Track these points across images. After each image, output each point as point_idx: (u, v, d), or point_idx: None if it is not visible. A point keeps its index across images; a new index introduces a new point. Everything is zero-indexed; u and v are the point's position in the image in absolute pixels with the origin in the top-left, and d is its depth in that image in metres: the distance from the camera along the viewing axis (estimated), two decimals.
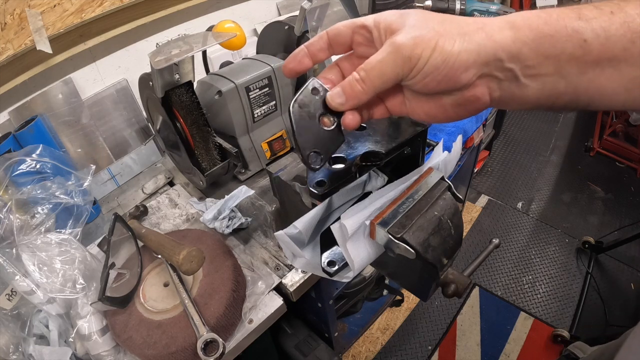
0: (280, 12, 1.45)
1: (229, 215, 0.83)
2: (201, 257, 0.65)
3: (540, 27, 0.27)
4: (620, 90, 0.27)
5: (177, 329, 0.63)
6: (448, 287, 0.54)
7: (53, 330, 0.66)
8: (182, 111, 0.88)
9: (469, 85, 0.29)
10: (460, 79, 0.29)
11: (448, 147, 0.65)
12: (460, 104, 0.31)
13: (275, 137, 1.03)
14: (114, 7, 0.98)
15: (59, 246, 0.66)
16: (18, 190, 0.74)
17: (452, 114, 0.32)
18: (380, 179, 0.65)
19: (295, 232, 0.55)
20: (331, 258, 0.58)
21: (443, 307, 1.71)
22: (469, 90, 0.30)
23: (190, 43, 0.78)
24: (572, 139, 2.65)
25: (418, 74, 0.29)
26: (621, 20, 0.26)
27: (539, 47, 0.27)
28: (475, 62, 0.28)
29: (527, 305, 1.68)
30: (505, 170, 2.44)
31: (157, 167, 1.12)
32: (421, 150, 0.67)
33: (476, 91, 0.30)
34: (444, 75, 0.28)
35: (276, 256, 0.80)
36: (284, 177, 0.71)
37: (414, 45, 0.28)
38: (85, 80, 1.05)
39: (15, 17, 0.85)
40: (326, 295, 0.93)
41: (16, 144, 0.85)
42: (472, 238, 2.02)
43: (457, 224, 0.56)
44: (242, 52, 1.23)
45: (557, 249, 1.92)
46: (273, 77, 0.95)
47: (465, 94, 0.30)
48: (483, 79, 0.29)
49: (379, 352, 1.57)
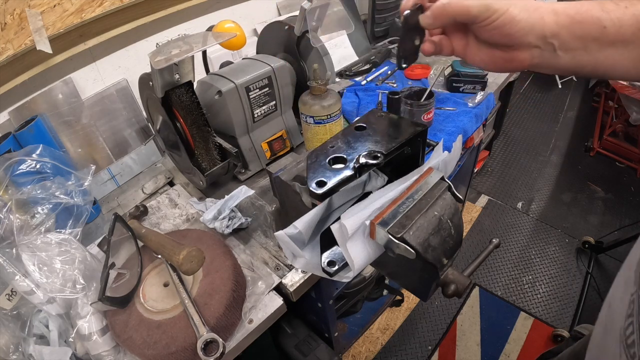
0: (280, 12, 1.46)
1: (229, 215, 0.83)
2: (201, 257, 0.65)
3: (573, 15, 0.38)
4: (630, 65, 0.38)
5: (177, 329, 0.62)
6: (448, 287, 0.54)
7: (53, 330, 0.66)
8: (182, 111, 0.88)
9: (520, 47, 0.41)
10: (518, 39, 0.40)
11: (448, 147, 0.65)
12: (507, 60, 0.42)
13: (275, 137, 1.03)
14: (114, 7, 0.98)
15: (59, 246, 0.66)
16: (18, 190, 0.74)
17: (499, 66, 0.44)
18: (380, 179, 0.65)
19: (295, 232, 0.55)
20: (331, 258, 0.58)
21: (443, 307, 1.71)
22: (518, 51, 0.41)
23: (190, 43, 0.78)
24: (572, 139, 2.65)
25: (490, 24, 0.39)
26: (632, 13, 0.36)
27: (572, 29, 0.38)
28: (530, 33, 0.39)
29: (527, 305, 1.68)
30: (505, 170, 2.44)
31: (157, 167, 1.12)
32: (421, 150, 0.67)
33: (523, 53, 0.41)
34: (506, 33, 0.39)
35: (276, 256, 0.80)
36: (284, 177, 0.71)
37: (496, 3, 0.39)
38: (85, 80, 1.05)
39: (15, 17, 0.85)
40: (326, 295, 0.93)
41: (16, 144, 0.85)
42: (472, 238, 2.02)
43: (457, 224, 0.56)
44: (242, 52, 1.23)
45: (557, 249, 1.92)
46: (273, 77, 0.95)
47: (513, 53, 0.41)
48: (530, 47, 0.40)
49: (379, 352, 1.57)
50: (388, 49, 1.52)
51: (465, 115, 1.14)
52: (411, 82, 1.34)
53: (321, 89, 0.89)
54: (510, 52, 0.41)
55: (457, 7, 0.40)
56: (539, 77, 3.30)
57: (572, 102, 3.04)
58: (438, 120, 1.12)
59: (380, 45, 1.56)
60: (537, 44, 0.40)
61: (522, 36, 0.39)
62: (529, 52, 0.41)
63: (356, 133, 0.64)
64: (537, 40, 0.39)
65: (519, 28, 0.39)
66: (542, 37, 0.39)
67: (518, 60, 0.42)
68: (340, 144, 0.62)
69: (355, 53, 1.50)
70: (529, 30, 0.39)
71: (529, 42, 0.40)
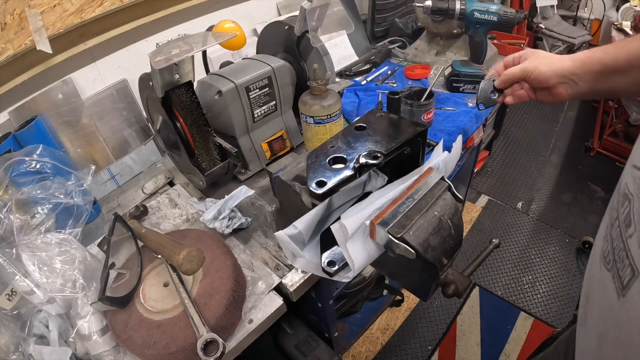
0: (280, 12, 1.46)
1: (229, 215, 0.83)
2: (201, 257, 0.65)
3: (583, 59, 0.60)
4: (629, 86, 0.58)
5: (177, 329, 0.62)
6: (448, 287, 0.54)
7: (53, 330, 0.66)
8: (182, 111, 0.88)
9: (553, 86, 0.64)
10: (547, 83, 0.64)
11: (448, 147, 0.65)
12: (553, 95, 0.66)
13: (275, 137, 1.03)
14: (114, 7, 0.98)
15: (59, 246, 0.66)
16: (18, 190, 0.74)
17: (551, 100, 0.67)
18: (380, 179, 0.65)
19: (295, 232, 0.55)
20: (331, 258, 0.58)
21: (443, 307, 1.71)
22: (555, 88, 0.64)
23: (190, 43, 0.78)
24: (572, 139, 2.65)
25: (530, 78, 0.66)
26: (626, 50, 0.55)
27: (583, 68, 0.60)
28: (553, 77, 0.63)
29: (527, 305, 1.68)
30: (505, 170, 2.44)
31: (157, 167, 1.12)
32: (421, 150, 0.67)
33: (559, 89, 0.64)
34: (540, 81, 0.65)
35: (276, 256, 0.80)
36: (284, 177, 0.71)
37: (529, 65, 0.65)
38: (85, 80, 1.05)
39: (15, 17, 0.85)
40: (326, 295, 0.93)
41: (16, 144, 0.85)
42: (472, 238, 2.02)
43: (457, 224, 0.56)
44: (242, 52, 1.23)
45: (557, 249, 1.92)
46: (273, 77, 0.95)
47: (553, 90, 0.65)
48: (561, 84, 0.63)
49: (379, 352, 1.57)
50: (388, 49, 1.52)
51: (465, 115, 1.15)
52: (411, 82, 1.34)
53: (321, 89, 0.89)
54: (551, 89, 0.65)
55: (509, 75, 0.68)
56: None
57: (572, 102, 3.05)
58: (438, 120, 1.12)
59: (380, 45, 1.56)
60: (563, 81, 0.63)
61: (549, 80, 0.63)
62: (562, 87, 0.64)
63: (356, 133, 0.64)
64: (561, 79, 0.63)
65: (545, 77, 0.64)
66: (564, 77, 0.62)
67: (558, 93, 0.65)
68: (340, 144, 0.62)
69: (355, 53, 1.50)
70: (553, 76, 0.63)
71: (555, 82, 0.63)
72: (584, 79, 0.61)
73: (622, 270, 0.34)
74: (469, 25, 1.19)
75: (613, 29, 2.13)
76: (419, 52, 1.44)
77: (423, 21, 1.37)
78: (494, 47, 1.43)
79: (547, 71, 0.63)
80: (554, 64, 0.62)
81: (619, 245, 0.35)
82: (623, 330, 0.34)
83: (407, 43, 1.53)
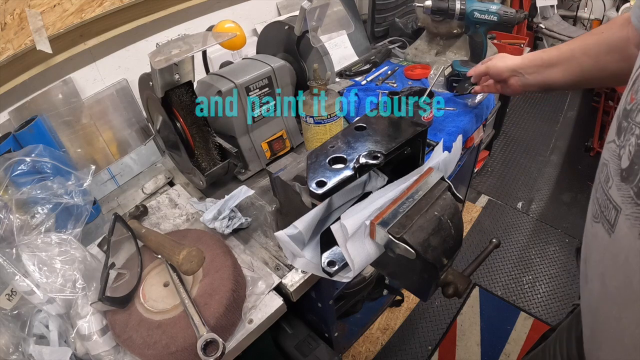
0: (280, 12, 1.46)
1: (229, 215, 0.83)
2: (201, 257, 0.65)
3: (530, 57, 0.81)
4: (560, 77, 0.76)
5: (177, 329, 0.62)
6: (448, 287, 0.54)
7: (53, 330, 0.66)
8: (182, 111, 0.88)
9: (507, 78, 0.86)
10: (502, 76, 0.87)
11: (448, 147, 0.65)
12: (508, 86, 0.87)
13: (275, 137, 1.02)
14: (114, 7, 0.98)
15: (59, 246, 0.66)
16: (18, 190, 0.74)
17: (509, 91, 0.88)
18: (380, 179, 0.65)
19: (295, 232, 0.55)
20: (331, 258, 0.58)
21: (443, 307, 1.71)
22: (510, 80, 0.85)
23: (190, 43, 0.78)
24: (572, 139, 2.65)
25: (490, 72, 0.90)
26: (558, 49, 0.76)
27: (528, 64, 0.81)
28: (506, 71, 0.85)
29: (527, 305, 1.68)
30: (505, 170, 2.44)
31: (157, 167, 1.12)
32: (421, 150, 0.67)
33: (511, 80, 0.85)
34: (496, 74, 0.88)
35: (276, 256, 0.80)
36: (284, 177, 0.71)
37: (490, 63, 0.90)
38: (85, 80, 1.05)
39: (15, 17, 0.85)
40: (326, 296, 0.93)
41: (16, 144, 0.85)
42: (472, 238, 2.02)
43: (457, 224, 0.56)
44: (242, 52, 1.23)
45: (557, 249, 1.92)
46: (273, 77, 0.95)
47: (508, 81, 0.86)
48: (513, 77, 0.84)
49: (379, 352, 1.57)
50: (388, 49, 1.52)
51: (465, 115, 1.15)
52: (411, 82, 1.34)
53: (321, 89, 0.89)
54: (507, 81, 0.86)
55: (477, 70, 0.94)
56: None
57: (572, 102, 3.05)
58: (438, 120, 1.12)
59: (380, 45, 1.56)
60: (513, 74, 0.84)
61: (502, 73, 0.86)
62: (513, 79, 0.84)
63: (356, 133, 0.64)
64: (512, 72, 0.84)
65: (500, 70, 0.86)
66: (514, 70, 0.83)
67: (511, 84, 0.85)
68: (340, 144, 0.62)
69: (355, 53, 1.50)
70: (505, 69, 0.84)
71: (508, 75, 0.85)
72: (529, 72, 0.80)
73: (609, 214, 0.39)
74: (469, 25, 1.19)
75: None
76: (419, 52, 1.44)
77: (423, 21, 1.37)
78: (494, 47, 1.43)
79: (501, 66, 0.85)
80: (507, 61, 0.84)
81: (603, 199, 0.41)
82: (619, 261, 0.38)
83: (407, 43, 1.53)
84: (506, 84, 0.87)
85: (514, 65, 0.82)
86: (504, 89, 0.89)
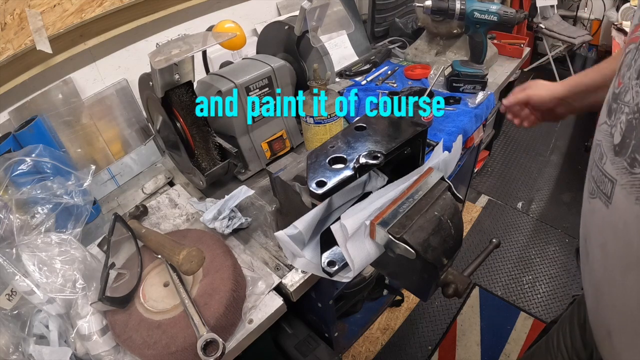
0: (280, 12, 1.46)
1: (229, 215, 0.83)
2: (201, 257, 0.65)
3: (572, 83, 0.76)
4: None
5: (177, 329, 0.62)
6: (448, 287, 0.54)
7: (53, 330, 0.66)
8: (182, 111, 0.88)
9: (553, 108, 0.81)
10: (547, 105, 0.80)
11: (448, 147, 0.65)
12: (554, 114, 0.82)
13: (275, 137, 1.02)
14: (114, 7, 0.98)
15: (59, 246, 0.66)
16: (18, 190, 0.74)
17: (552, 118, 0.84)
18: (380, 179, 0.65)
19: (295, 232, 0.55)
20: (331, 258, 0.58)
21: (443, 307, 1.71)
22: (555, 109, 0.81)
23: (190, 43, 0.78)
24: (572, 139, 2.65)
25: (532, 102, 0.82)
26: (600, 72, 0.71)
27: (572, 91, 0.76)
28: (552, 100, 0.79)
29: (527, 305, 1.68)
30: (505, 170, 2.44)
31: (157, 167, 1.12)
32: (421, 150, 0.67)
33: (558, 109, 0.81)
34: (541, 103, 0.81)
35: (276, 256, 0.80)
36: (284, 177, 0.71)
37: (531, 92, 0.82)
38: (85, 80, 1.05)
39: (15, 17, 0.85)
40: (326, 296, 0.93)
41: (16, 144, 0.85)
42: (472, 238, 2.02)
43: (457, 224, 0.56)
44: (242, 52, 1.23)
45: (557, 249, 1.92)
46: (273, 77, 0.95)
47: (556, 110, 0.81)
48: (559, 105, 0.80)
49: (379, 352, 1.57)
50: (388, 49, 1.52)
51: (465, 115, 1.15)
52: (411, 82, 1.34)
53: (321, 89, 0.89)
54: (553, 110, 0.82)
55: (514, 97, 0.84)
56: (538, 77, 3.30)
57: None
58: (438, 120, 1.12)
59: (380, 45, 1.56)
60: (560, 103, 0.79)
61: (548, 103, 0.80)
62: (560, 108, 0.80)
63: (356, 133, 0.64)
64: (557, 101, 0.79)
65: (545, 101, 0.80)
66: (559, 99, 0.78)
67: (558, 112, 0.82)
68: (340, 144, 0.62)
69: (355, 53, 1.50)
70: (552, 99, 0.79)
71: (554, 104, 0.79)
72: (574, 99, 0.77)
73: (605, 188, 0.42)
74: (469, 25, 1.19)
75: (613, 29, 2.13)
76: (419, 52, 1.44)
77: (423, 21, 1.37)
78: (494, 47, 1.43)
79: (546, 96, 0.80)
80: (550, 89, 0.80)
81: (599, 175, 0.43)
82: (619, 228, 0.40)
83: (407, 43, 1.53)
84: (551, 113, 0.83)
85: (561, 95, 0.78)
86: (545, 117, 0.85)
